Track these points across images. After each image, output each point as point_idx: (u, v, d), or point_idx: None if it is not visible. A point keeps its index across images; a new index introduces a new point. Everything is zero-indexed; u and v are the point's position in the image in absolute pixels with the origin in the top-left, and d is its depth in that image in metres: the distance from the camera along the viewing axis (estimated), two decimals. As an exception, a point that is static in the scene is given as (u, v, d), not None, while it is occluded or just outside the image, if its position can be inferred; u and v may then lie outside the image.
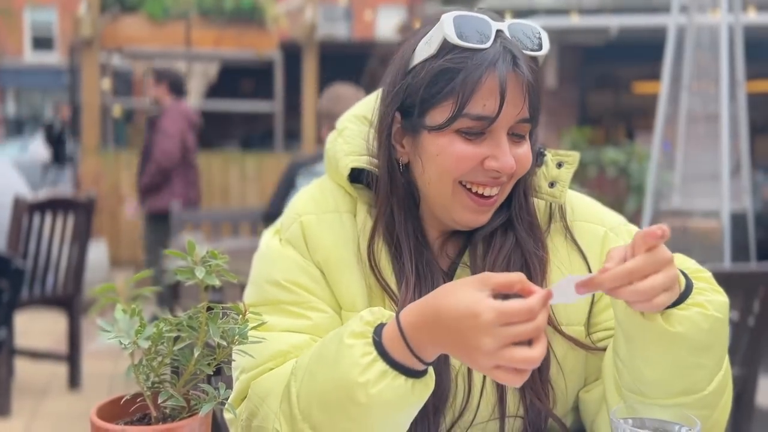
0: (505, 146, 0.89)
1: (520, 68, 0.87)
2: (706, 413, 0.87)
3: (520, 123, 0.90)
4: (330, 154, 1.01)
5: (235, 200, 6.74)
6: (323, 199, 1.00)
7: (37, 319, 4.59)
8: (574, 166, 0.99)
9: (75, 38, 7.12)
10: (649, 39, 6.00)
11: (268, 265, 0.98)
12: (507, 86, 0.86)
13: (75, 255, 3.73)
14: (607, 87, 9.64)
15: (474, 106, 0.87)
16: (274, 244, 1.00)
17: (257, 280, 0.99)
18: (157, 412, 0.76)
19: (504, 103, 0.86)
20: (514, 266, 0.95)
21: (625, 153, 5.97)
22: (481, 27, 0.88)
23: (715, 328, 0.83)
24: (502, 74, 0.86)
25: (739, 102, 3.68)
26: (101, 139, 6.88)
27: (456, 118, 0.87)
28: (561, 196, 0.98)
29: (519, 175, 0.94)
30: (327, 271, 0.96)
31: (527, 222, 0.97)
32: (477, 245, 0.98)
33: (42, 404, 3.55)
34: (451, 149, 0.89)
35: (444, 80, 0.88)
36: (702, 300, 0.83)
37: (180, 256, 0.69)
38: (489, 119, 0.87)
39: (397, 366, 0.78)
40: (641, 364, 0.84)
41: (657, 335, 0.82)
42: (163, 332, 0.72)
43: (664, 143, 4.03)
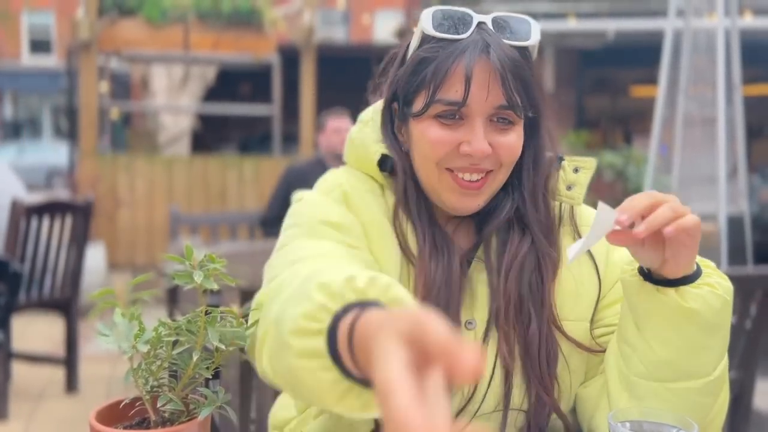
0: (479, 131, 0.92)
1: (492, 55, 0.90)
2: (710, 401, 0.90)
3: (500, 109, 0.92)
4: (357, 143, 1.03)
5: (233, 204, 6.74)
6: (356, 179, 1.02)
7: (34, 323, 4.58)
8: (591, 170, 1.01)
9: (73, 41, 7.12)
10: (646, 43, 6.02)
11: (316, 208, 0.97)
12: (473, 71, 0.90)
13: (72, 258, 3.73)
14: (604, 90, 9.66)
15: (445, 92, 0.92)
16: (320, 197, 1.00)
17: (303, 221, 0.96)
18: (156, 415, 0.77)
19: (469, 87, 0.90)
20: (528, 265, 0.97)
21: (623, 156, 5.98)
22: (459, 18, 0.93)
23: (724, 309, 0.87)
24: (469, 60, 0.90)
25: (736, 105, 3.69)
26: (99, 142, 6.87)
27: (430, 104, 0.93)
28: (578, 198, 1.01)
29: (507, 164, 0.96)
30: (367, 237, 0.97)
31: (545, 225, 0.99)
32: (490, 241, 1.00)
33: (39, 408, 3.54)
34: (428, 134, 0.94)
35: (421, 69, 0.94)
36: (711, 281, 0.87)
37: (178, 260, 0.69)
38: (458, 104, 0.91)
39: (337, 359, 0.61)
40: (654, 343, 0.87)
41: (671, 311, 0.85)
42: (161, 336, 0.72)
43: (661, 146, 4.04)
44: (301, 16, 7.29)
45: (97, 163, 6.61)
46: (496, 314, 0.96)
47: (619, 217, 0.80)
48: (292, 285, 0.75)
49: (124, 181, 6.61)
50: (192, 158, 7.58)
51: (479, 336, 0.97)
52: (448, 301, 0.94)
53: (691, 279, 0.86)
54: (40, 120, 23.38)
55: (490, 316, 0.97)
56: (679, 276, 0.86)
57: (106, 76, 7.46)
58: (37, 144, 20.17)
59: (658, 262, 0.85)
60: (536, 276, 0.98)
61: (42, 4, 21.34)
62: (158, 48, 7.29)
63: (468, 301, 0.98)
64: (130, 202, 6.62)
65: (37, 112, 23.38)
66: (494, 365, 0.96)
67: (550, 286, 0.98)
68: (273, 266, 0.89)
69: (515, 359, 0.96)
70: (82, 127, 6.73)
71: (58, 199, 3.85)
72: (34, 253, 3.54)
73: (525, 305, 0.96)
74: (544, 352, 0.96)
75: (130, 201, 6.62)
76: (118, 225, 6.59)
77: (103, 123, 7.25)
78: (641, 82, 8.86)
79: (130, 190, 6.64)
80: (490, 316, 0.97)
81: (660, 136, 3.92)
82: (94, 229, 5.95)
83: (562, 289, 0.99)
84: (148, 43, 7.20)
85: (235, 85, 11.22)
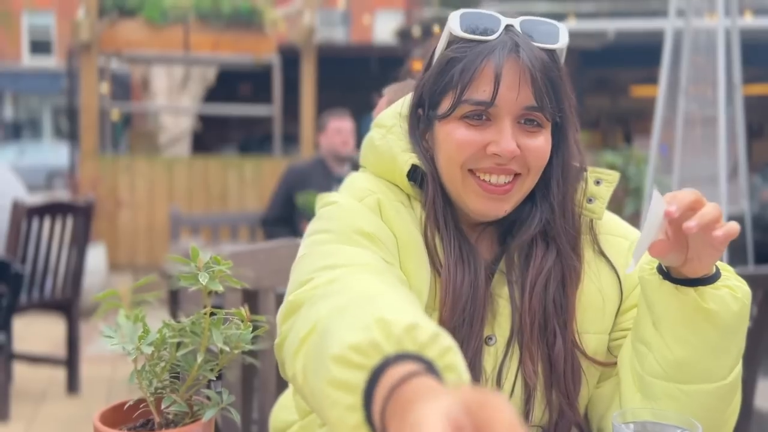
0: (507, 132, 0.91)
1: (521, 55, 0.90)
2: (722, 406, 0.89)
3: (529, 110, 0.91)
4: (384, 149, 0.99)
5: (233, 204, 6.74)
6: (385, 187, 0.99)
7: (35, 324, 4.58)
8: (613, 184, 1.00)
9: (73, 42, 7.12)
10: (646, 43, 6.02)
11: (350, 216, 0.93)
12: (503, 71, 0.89)
13: (73, 259, 3.73)
14: (604, 90, 9.66)
15: (473, 92, 0.91)
16: (355, 203, 0.96)
17: (336, 228, 0.91)
18: (160, 417, 0.77)
19: (498, 87, 0.89)
20: (553, 280, 0.95)
21: (623, 156, 5.97)
22: (487, 21, 0.93)
23: (742, 313, 0.87)
24: (498, 60, 0.90)
25: (737, 105, 3.69)
26: (99, 143, 6.87)
27: (457, 105, 0.92)
28: (600, 212, 0.99)
29: (535, 168, 0.94)
30: (401, 249, 0.95)
31: (572, 237, 0.98)
32: (513, 254, 0.97)
33: (40, 409, 3.54)
34: (454, 135, 0.93)
35: (448, 70, 0.93)
36: (730, 284, 0.87)
37: (184, 261, 0.69)
38: (486, 104, 0.90)
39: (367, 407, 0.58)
40: (671, 342, 0.87)
41: (691, 311, 0.85)
42: (165, 338, 0.72)
43: (661, 146, 4.03)
44: (301, 17, 7.29)
45: (97, 164, 6.61)
46: (521, 332, 0.95)
47: (669, 208, 0.79)
48: (342, 296, 0.72)
49: (125, 182, 6.61)
50: (192, 159, 7.58)
51: (500, 352, 0.95)
52: (473, 315, 0.92)
53: (711, 280, 0.86)
54: (41, 121, 23.38)
55: (512, 333, 0.95)
56: (700, 276, 0.85)
57: (106, 77, 7.46)
58: (38, 145, 20.18)
59: (679, 261, 0.85)
60: (560, 291, 0.96)
61: (42, 5, 21.33)
62: (158, 49, 7.29)
63: (489, 316, 0.96)
64: (131, 203, 6.62)
65: (38, 113, 23.38)
66: (514, 382, 0.95)
67: (574, 301, 0.96)
68: (304, 268, 0.85)
69: (539, 377, 0.95)
70: (83, 128, 6.73)
71: (58, 201, 3.86)
72: (35, 254, 3.54)
73: (550, 322, 0.95)
74: (570, 368, 0.95)
75: (131, 202, 6.62)
76: (119, 226, 6.59)
77: (104, 124, 7.25)
78: (641, 82, 8.86)
79: (131, 191, 6.64)
80: (512, 332, 0.95)
81: (660, 136, 3.91)
82: (95, 230, 5.95)
83: (585, 301, 0.97)
84: (149, 44, 7.20)
85: (236, 85, 11.22)
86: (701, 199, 0.81)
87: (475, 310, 0.93)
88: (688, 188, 0.83)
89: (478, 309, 0.93)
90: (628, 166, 5.83)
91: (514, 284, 0.96)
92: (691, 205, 0.80)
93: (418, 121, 0.99)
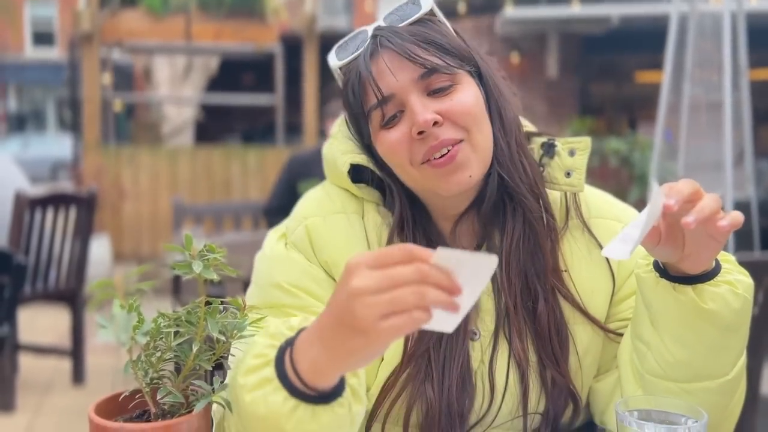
0: (416, 106, 0.89)
1: (384, 44, 0.91)
2: (725, 401, 0.87)
3: (426, 79, 0.90)
4: (328, 158, 1.01)
5: (237, 194, 6.74)
6: (329, 200, 0.99)
7: (40, 315, 4.60)
8: (587, 151, 0.97)
9: (75, 33, 7.10)
10: (650, 27, 5.97)
11: (271, 268, 0.96)
12: (371, 68, 0.90)
13: (77, 250, 3.73)
14: (608, 77, 9.60)
15: (369, 101, 0.92)
16: (279, 248, 0.98)
17: (260, 282, 0.97)
18: (156, 408, 0.76)
19: (376, 83, 0.89)
20: (525, 245, 0.94)
21: (628, 143, 5.94)
22: (357, 39, 0.95)
23: (744, 309, 0.84)
24: (365, 64, 0.91)
25: (742, 90, 3.65)
26: (102, 134, 6.87)
27: (367, 119, 0.93)
28: (579, 185, 0.96)
29: (471, 123, 0.90)
30: (335, 272, 0.95)
31: (529, 184, 0.94)
32: (493, 236, 0.96)
33: (46, 399, 3.55)
34: (386, 144, 0.92)
35: (347, 98, 0.96)
36: (731, 279, 0.83)
37: (178, 250, 0.68)
38: (381, 102, 0.90)
39: (283, 378, 0.72)
40: (670, 344, 0.84)
41: (689, 312, 0.82)
42: (161, 328, 0.71)
43: (666, 132, 4.00)
44: (303, 5, 7.25)
45: (101, 155, 6.61)
46: (506, 313, 0.93)
47: (667, 202, 0.75)
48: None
49: (128, 173, 6.62)
50: (195, 149, 7.57)
51: (485, 346, 0.94)
52: None
53: (710, 276, 0.82)
54: (45, 113, 23.41)
55: (498, 322, 0.94)
56: (698, 272, 0.82)
57: (108, 68, 7.45)
58: (42, 137, 20.21)
59: (675, 257, 0.81)
60: (537, 251, 0.94)
61: (44, -5, 21.29)
62: (160, 38, 7.27)
63: (472, 312, 0.94)
64: (135, 194, 6.62)
65: (41, 105, 23.40)
66: (507, 373, 0.93)
67: (553, 251, 0.94)
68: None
69: (529, 356, 0.93)
70: (86, 119, 6.73)
71: (61, 192, 3.85)
72: (38, 245, 3.55)
73: (531, 283, 0.93)
74: (554, 329, 0.93)
75: (135, 192, 6.62)
76: (123, 216, 6.60)
77: (107, 115, 7.24)
78: (646, 68, 8.80)
79: (134, 182, 6.64)
80: (498, 320, 0.94)
81: (665, 121, 3.88)
82: (99, 221, 5.96)
83: (572, 290, 0.95)
84: (150, 34, 7.18)
85: (238, 75, 11.19)
86: (699, 190, 0.77)
87: None
88: (686, 178, 0.79)
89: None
90: (632, 152, 5.80)
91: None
92: (689, 197, 0.76)
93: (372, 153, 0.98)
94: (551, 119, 7.81)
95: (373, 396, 0.93)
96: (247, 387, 0.73)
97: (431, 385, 0.90)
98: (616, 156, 5.78)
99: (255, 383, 0.73)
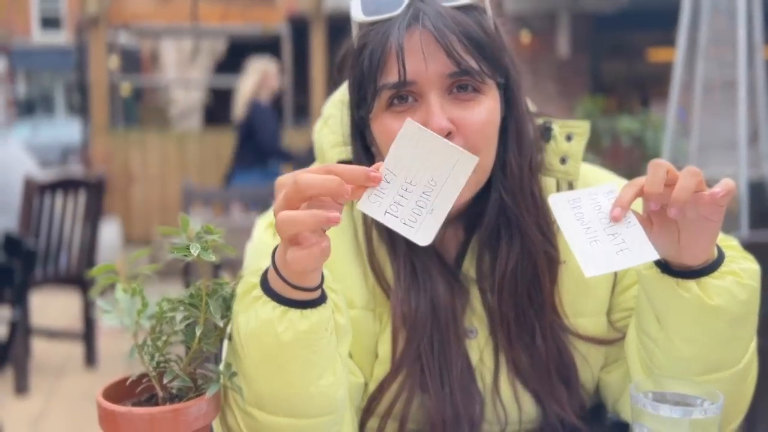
0: (434, 107, 0.81)
1: (423, 22, 0.81)
2: (737, 387, 0.85)
3: (455, 78, 0.82)
4: (318, 145, 0.96)
5: (245, 177, 6.72)
6: None
7: (52, 299, 4.63)
8: (584, 137, 0.92)
9: (82, 17, 7.07)
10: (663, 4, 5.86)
11: (259, 258, 0.93)
12: (405, 45, 0.81)
13: (87, 234, 3.75)
14: (620, 55, 9.48)
15: (386, 76, 0.83)
16: (267, 237, 0.95)
17: (249, 272, 0.96)
18: (163, 392, 0.75)
19: (404, 62, 0.81)
20: (522, 277, 0.89)
21: (640, 122, 5.87)
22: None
23: (752, 298, 0.80)
24: (398, 35, 0.81)
25: (757, 68, 3.59)
26: (110, 118, 6.86)
27: (375, 94, 0.84)
28: (575, 173, 0.91)
29: (482, 143, 0.83)
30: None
31: (536, 216, 0.89)
32: (478, 251, 0.91)
33: (59, 383, 3.58)
34: (386, 128, 0.84)
35: (360, 59, 0.85)
36: (736, 268, 0.80)
37: (174, 233, 0.66)
38: (399, 84, 0.82)
39: (270, 293, 0.75)
40: (678, 342, 0.81)
41: (695, 310, 0.79)
42: (165, 311, 0.70)
43: (679, 111, 3.94)
44: (310, -15, 7.18)
45: (109, 139, 6.61)
46: (498, 336, 0.90)
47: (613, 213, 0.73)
48: None
49: (137, 157, 6.62)
50: (204, 132, 7.56)
51: (482, 344, 0.91)
52: (447, 320, 0.88)
53: (714, 267, 0.79)
54: (53, 97, 23.44)
55: (492, 330, 0.91)
56: (701, 263, 0.78)
57: (115, 51, 7.43)
58: (51, 121, 20.25)
59: (672, 250, 0.78)
60: (534, 284, 0.89)
61: (51, -20, 21.22)
62: (166, 21, 7.23)
63: (467, 311, 0.91)
64: (144, 177, 6.63)
65: (50, 90, 23.43)
66: (497, 375, 0.91)
67: (551, 288, 0.90)
68: None
69: (524, 373, 0.91)
70: (93, 103, 6.72)
71: (70, 176, 3.87)
72: (48, 229, 3.56)
73: (528, 319, 0.89)
74: (554, 363, 0.90)
75: (144, 176, 6.63)
76: (132, 200, 6.61)
77: (114, 99, 7.23)
78: (659, 45, 8.68)
79: (143, 165, 6.64)
80: (492, 329, 0.91)
81: (678, 100, 3.82)
82: (109, 205, 5.98)
83: (569, 283, 0.91)
84: (156, 16, 7.14)
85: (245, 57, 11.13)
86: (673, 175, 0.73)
87: (439, 319, 0.88)
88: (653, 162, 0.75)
89: (441, 318, 0.88)
90: (645, 131, 5.74)
91: (485, 284, 0.91)
92: (639, 193, 0.74)
93: (360, 126, 0.91)
94: (562, 98, 7.73)
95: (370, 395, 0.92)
96: (240, 310, 0.76)
97: (428, 394, 0.88)
98: (628, 135, 5.71)
99: (246, 304, 0.76)
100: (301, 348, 0.74)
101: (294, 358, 0.74)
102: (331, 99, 0.99)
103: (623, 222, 0.74)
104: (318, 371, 0.75)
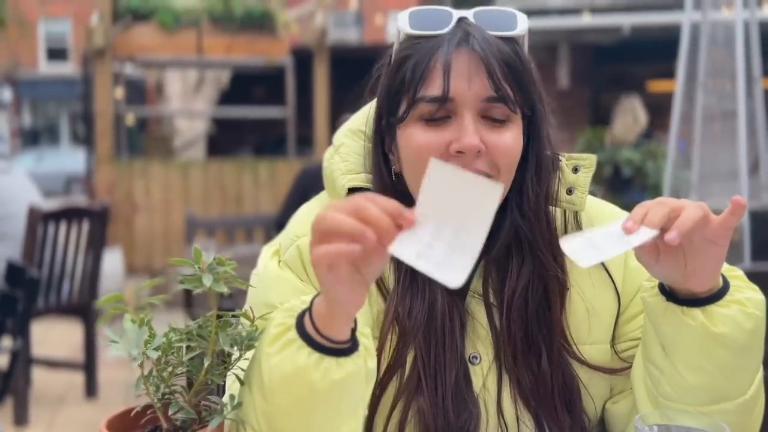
0: (468, 126, 0.85)
1: (473, 44, 0.85)
2: (744, 419, 0.85)
3: (490, 103, 0.86)
4: (327, 173, 0.98)
5: (248, 206, 6.74)
6: None
7: (53, 328, 4.61)
8: (591, 169, 0.94)
9: (88, 48, 7.17)
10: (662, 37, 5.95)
11: (265, 287, 0.93)
12: (452, 62, 0.85)
13: (90, 263, 3.75)
14: (620, 86, 9.56)
15: (427, 89, 0.86)
16: (273, 266, 0.95)
17: (255, 301, 0.95)
18: (168, 424, 0.75)
19: (449, 79, 0.84)
20: (532, 298, 0.90)
21: (641, 152, 5.90)
22: (438, 16, 0.89)
23: (757, 328, 0.81)
24: (447, 51, 0.85)
25: (756, 98, 3.62)
26: (115, 148, 6.91)
27: (413, 105, 0.87)
28: (581, 204, 0.93)
29: (505, 168, 0.87)
30: None
31: (550, 242, 0.91)
32: (487, 271, 0.92)
33: (59, 413, 3.55)
34: (414, 138, 0.87)
35: (401, 70, 0.89)
36: (741, 297, 0.81)
37: (187, 264, 0.67)
38: (440, 99, 0.85)
39: (305, 337, 0.74)
40: (683, 370, 0.82)
41: (700, 338, 0.80)
42: (172, 342, 0.70)
43: (680, 142, 3.97)
44: (313, 18, 7.29)
45: (113, 168, 6.65)
46: (503, 357, 0.91)
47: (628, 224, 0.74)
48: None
49: (141, 186, 6.64)
50: (207, 162, 7.60)
51: (486, 370, 0.91)
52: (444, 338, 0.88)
53: (719, 295, 0.80)
54: (58, 127, 23.64)
55: (497, 352, 0.91)
56: (706, 290, 0.79)
57: (121, 82, 7.52)
58: (56, 151, 20.39)
59: (678, 275, 0.79)
60: (543, 307, 0.90)
61: (58, 12, 21.57)
62: (172, 53, 7.33)
63: (471, 334, 0.92)
64: (147, 207, 6.64)
65: (55, 120, 23.64)
66: (499, 399, 0.91)
67: (560, 313, 0.91)
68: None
69: (527, 394, 0.91)
70: (98, 133, 6.77)
71: (74, 205, 3.88)
72: (51, 258, 3.56)
73: (535, 341, 0.90)
74: (558, 388, 0.90)
75: (147, 206, 6.65)
76: (136, 230, 6.62)
77: (119, 129, 7.29)
78: (658, 77, 8.76)
79: (147, 195, 6.67)
80: (497, 352, 0.91)
81: (678, 131, 3.85)
82: (112, 235, 5.99)
83: (573, 310, 0.92)
84: (162, 48, 7.23)
85: (249, 88, 11.25)
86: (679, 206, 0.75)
87: (436, 331, 0.89)
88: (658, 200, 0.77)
89: (437, 331, 0.89)
90: (646, 161, 5.77)
91: (491, 305, 0.91)
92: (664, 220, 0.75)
93: (382, 132, 0.93)
94: (563, 130, 7.75)
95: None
96: (272, 352, 0.75)
97: (423, 396, 0.88)
98: (629, 166, 5.74)
99: (280, 347, 0.74)
100: (333, 395, 0.74)
101: (325, 405, 0.74)
102: (343, 128, 1.01)
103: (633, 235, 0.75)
104: (342, 419, 0.76)
